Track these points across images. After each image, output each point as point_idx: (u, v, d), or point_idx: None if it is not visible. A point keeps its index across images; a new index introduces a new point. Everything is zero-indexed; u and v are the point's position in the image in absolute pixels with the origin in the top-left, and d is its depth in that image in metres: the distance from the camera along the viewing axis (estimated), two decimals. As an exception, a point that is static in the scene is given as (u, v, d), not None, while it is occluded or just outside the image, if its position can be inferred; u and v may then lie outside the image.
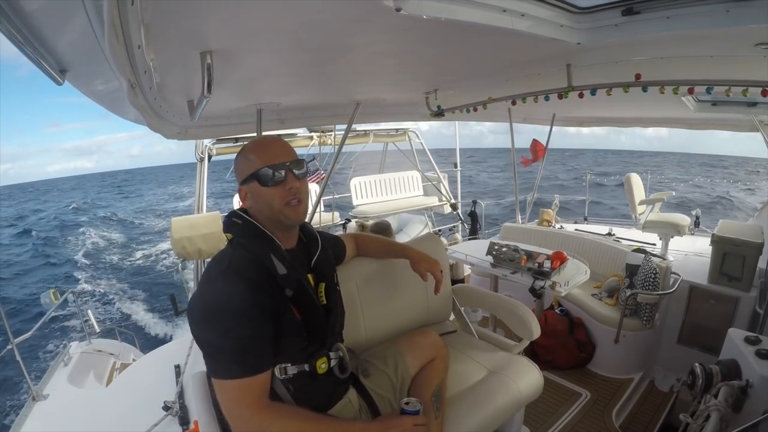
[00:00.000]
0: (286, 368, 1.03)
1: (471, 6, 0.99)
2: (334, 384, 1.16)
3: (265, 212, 1.08)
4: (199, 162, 4.09)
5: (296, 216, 1.09)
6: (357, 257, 1.64)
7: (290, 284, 1.03)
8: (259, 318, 0.96)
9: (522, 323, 1.82)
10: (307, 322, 1.08)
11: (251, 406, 0.94)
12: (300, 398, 1.05)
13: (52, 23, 0.87)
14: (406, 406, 1.09)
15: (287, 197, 1.06)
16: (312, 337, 1.09)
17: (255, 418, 0.93)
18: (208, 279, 1.01)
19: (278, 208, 1.06)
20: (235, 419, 0.95)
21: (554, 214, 4.48)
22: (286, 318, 1.03)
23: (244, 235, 1.07)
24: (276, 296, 1.01)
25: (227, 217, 1.13)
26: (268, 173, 1.05)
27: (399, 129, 5.67)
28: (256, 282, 0.98)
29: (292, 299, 1.04)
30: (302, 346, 1.07)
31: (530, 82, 1.99)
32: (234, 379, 0.93)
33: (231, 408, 0.95)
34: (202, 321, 0.97)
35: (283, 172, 1.06)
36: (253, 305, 0.95)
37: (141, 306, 9.64)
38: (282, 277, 1.02)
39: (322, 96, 2.23)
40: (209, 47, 1.03)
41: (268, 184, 1.05)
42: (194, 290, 1.07)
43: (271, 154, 1.07)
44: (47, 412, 2.31)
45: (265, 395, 0.97)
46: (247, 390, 0.94)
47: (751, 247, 2.48)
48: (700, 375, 1.12)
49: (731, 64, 1.54)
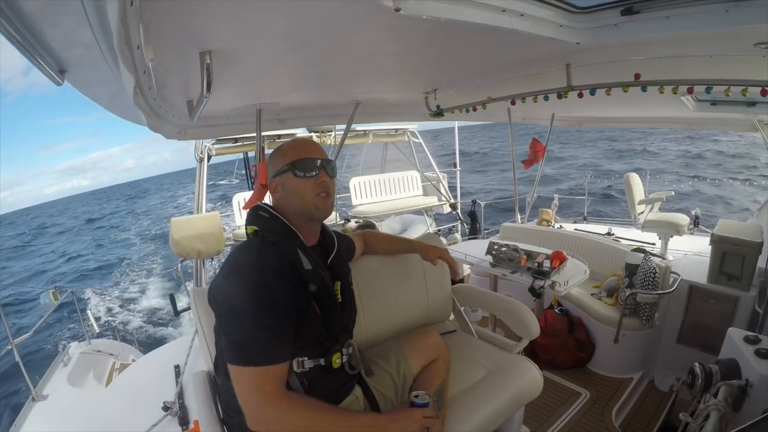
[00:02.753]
0: (303, 362, 1.05)
1: (470, 6, 0.99)
2: (344, 379, 1.18)
3: (295, 204, 1.12)
4: (198, 162, 4.09)
5: (325, 207, 1.13)
6: (360, 256, 1.66)
7: (315, 279, 1.05)
8: (285, 309, 0.98)
9: (521, 323, 1.82)
10: (327, 317, 1.10)
11: (269, 394, 0.95)
12: (312, 392, 1.06)
13: (51, 23, 0.87)
14: (415, 399, 1.10)
15: (318, 189, 1.11)
16: (329, 332, 1.11)
17: (271, 407, 0.95)
18: (235, 268, 1.02)
19: (309, 198, 1.11)
20: (251, 407, 0.96)
21: (553, 213, 4.48)
22: (309, 313, 1.05)
23: (269, 228, 1.09)
24: (300, 290, 1.03)
25: (252, 209, 1.15)
26: (304, 164, 1.11)
27: (398, 129, 5.68)
28: (282, 274, 1.00)
29: (315, 294, 1.06)
30: (320, 341, 1.10)
31: (529, 82, 1.99)
32: (255, 366, 0.95)
33: (248, 395, 0.96)
34: (228, 308, 0.99)
35: (317, 166, 1.12)
36: (280, 296, 0.97)
37: (141, 306, 9.65)
38: (307, 272, 1.04)
39: (321, 96, 2.23)
40: (209, 47, 1.03)
41: (303, 175, 1.10)
42: (214, 278, 1.07)
43: (307, 150, 1.14)
44: (47, 413, 2.30)
45: (282, 385, 0.99)
46: (266, 379, 0.95)
47: (750, 247, 2.48)
48: (700, 374, 1.12)
49: (730, 63, 1.54)
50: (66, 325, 8.19)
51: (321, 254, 1.21)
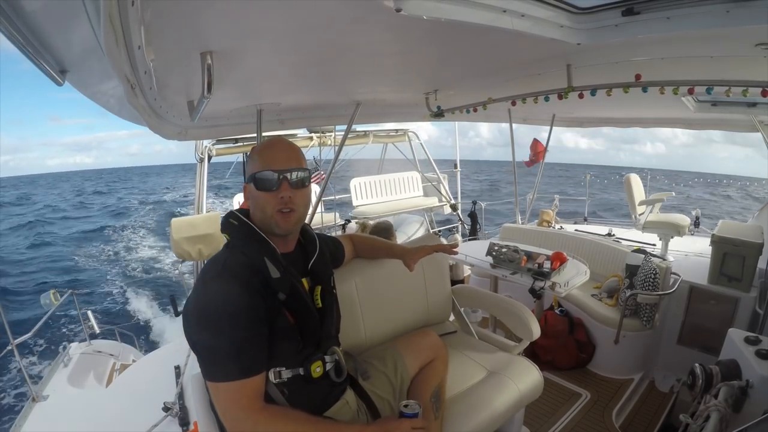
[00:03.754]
0: (280, 372, 1.02)
1: (471, 6, 0.99)
2: (329, 387, 1.15)
3: (258, 216, 1.08)
4: (198, 162, 4.09)
5: (286, 225, 1.07)
6: (356, 258, 1.64)
7: (283, 288, 1.02)
8: (254, 320, 0.96)
9: (522, 324, 1.82)
10: (301, 326, 1.07)
11: (246, 408, 0.93)
12: (295, 402, 1.04)
13: (52, 24, 0.87)
14: (404, 409, 1.08)
15: (279, 205, 1.04)
16: (306, 341, 1.08)
17: (250, 420, 0.93)
18: (203, 281, 1.01)
19: (270, 213, 1.05)
20: (230, 421, 0.95)
21: (554, 214, 4.48)
22: (279, 322, 1.02)
23: (239, 237, 1.07)
24: (269, 299, 1.00)
25: (224, 217, 1.12)
26: (263, 177, 1.04)
27: (399, 130, 5.67)
28: (250, 284, 0.98)
29: (285, 303, 1.04)
30: (297, 350, 1.07)
31: (530, 83, 1.99)
32: (229, 381, 0.93)
33: (226, 410, 0.95)
34: (196, 323, 0.96)
35: (277, 179, 1.04)
36: (248, 307, 0.95)
37: (141, 307, 9.64)
38: (275, 281, 1.01)
39: (322, 96, 2.23)
40: (209, 47, 1.03)
41: (262, 189, 1.05)
42: (190, 293, 1.06)
43: (271, 158, 1.06)
44: (47, 413, 2.30)
45: (260, 397, 0.97)
46: (242, 392, 0.94)
47: (750, 248, 2.47)
48: (700, 375, 1.12)
49: (731, 64, 1.54)
50: (66, 325, 8.18)
51: (300, 259, 1.18)
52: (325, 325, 1.15)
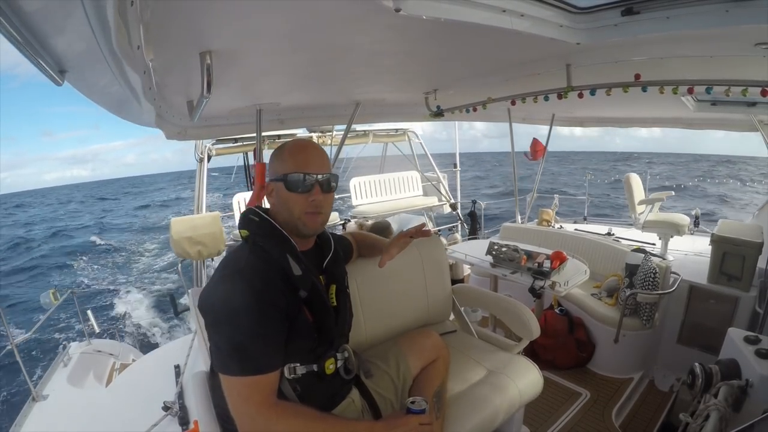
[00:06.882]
0: (295, 368, 1.04)
1: (471, 6, 0.99)
2: (339, 384, 1.17)
3: (285, 215, 1.09)
4: (198, 162, 4.09)
5: (314, 225, 1.10)
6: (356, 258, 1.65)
7: (305, 285, 1.04)
8: (273, 317, 0.97)
9: (522, 323, 1.82)
10: (319, 323, 1.08)
11: (259, 404, 0.94)
12: (306, 398, 1.05)
13: (51, 23, 0.87)
14: (412, 405, 1.09)
15: (308, 207, 1.07)
16: (322, 338, 1.10)
17: (262, 417, 0.93)
18: (223, 276, 1.02)
19: (297, 215, 1.07)
20: (241, 416, 0.95)
21: (554, 214, 4.48)
22: (299, 319, 1.04)
23: (260, 234, 1.07)
24: (290, 297, 1.01)
25: (243, 213, 1.13)
26: (297, 179, 1.06)
27: (398, 129, 5.67)
28: (271, 281, 0.99)
29: (305, 300, 1.05)
30: (312, 347, 1.08)
31: (530, 82, 1.98)
32: (244, 376, 0.94)
33: (238, 405, 0.95)
34: (215, 317, 0.97)
35: (311, 182, 1.07)
36: (268, 304, 0.96)
37: (141, 306, 9.64)
38: (297, 278, 1.03)
39: (321, 96, 2.23)
40: (209, 47, 1.03)
41: (294, 190, 1.06)
42: (205, 286, 1.06)
43: (304, 161, 1.08)
44: (47, 413, 2.30)
45: (273, 394, 0.98)
46: (256, 388, 0.94)
47: (750, 247, 2.48)
48: (700, 374, 1.12)
49: (731, 63, 1.54)
50: (66, 324, 8.19)
51: (316, 257, 1.19)
52: (339, 323, 1.17)
